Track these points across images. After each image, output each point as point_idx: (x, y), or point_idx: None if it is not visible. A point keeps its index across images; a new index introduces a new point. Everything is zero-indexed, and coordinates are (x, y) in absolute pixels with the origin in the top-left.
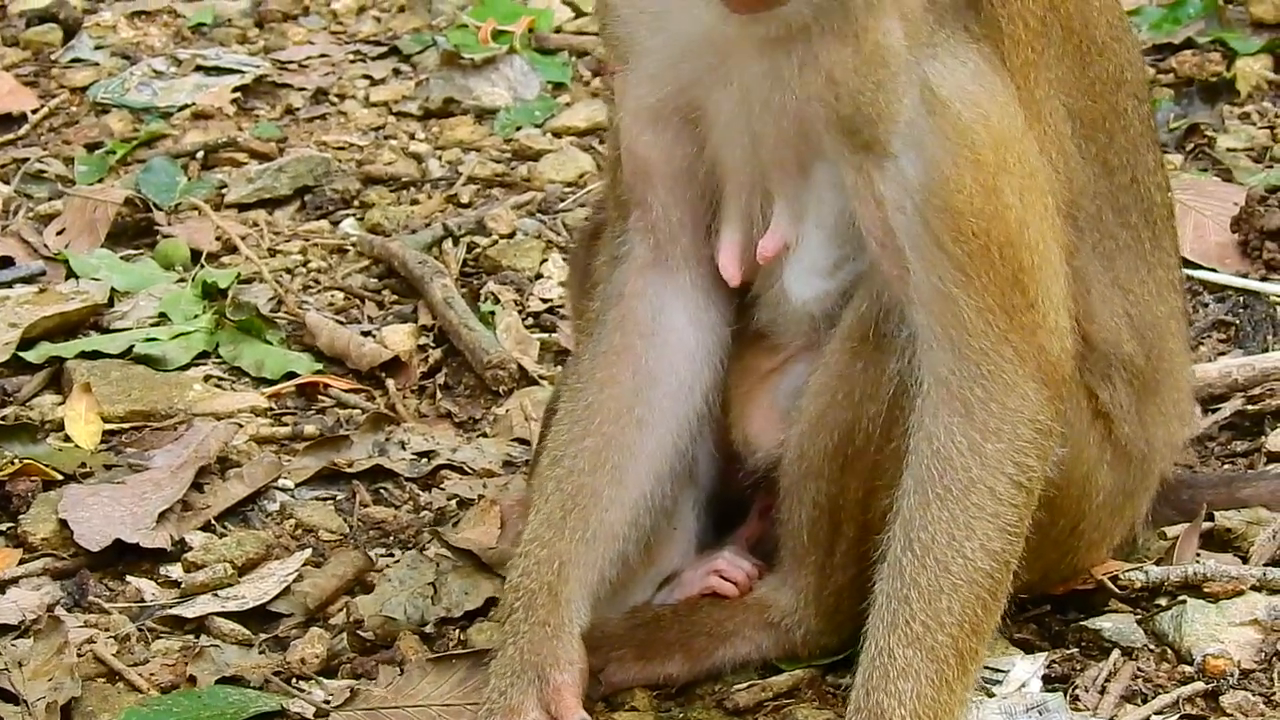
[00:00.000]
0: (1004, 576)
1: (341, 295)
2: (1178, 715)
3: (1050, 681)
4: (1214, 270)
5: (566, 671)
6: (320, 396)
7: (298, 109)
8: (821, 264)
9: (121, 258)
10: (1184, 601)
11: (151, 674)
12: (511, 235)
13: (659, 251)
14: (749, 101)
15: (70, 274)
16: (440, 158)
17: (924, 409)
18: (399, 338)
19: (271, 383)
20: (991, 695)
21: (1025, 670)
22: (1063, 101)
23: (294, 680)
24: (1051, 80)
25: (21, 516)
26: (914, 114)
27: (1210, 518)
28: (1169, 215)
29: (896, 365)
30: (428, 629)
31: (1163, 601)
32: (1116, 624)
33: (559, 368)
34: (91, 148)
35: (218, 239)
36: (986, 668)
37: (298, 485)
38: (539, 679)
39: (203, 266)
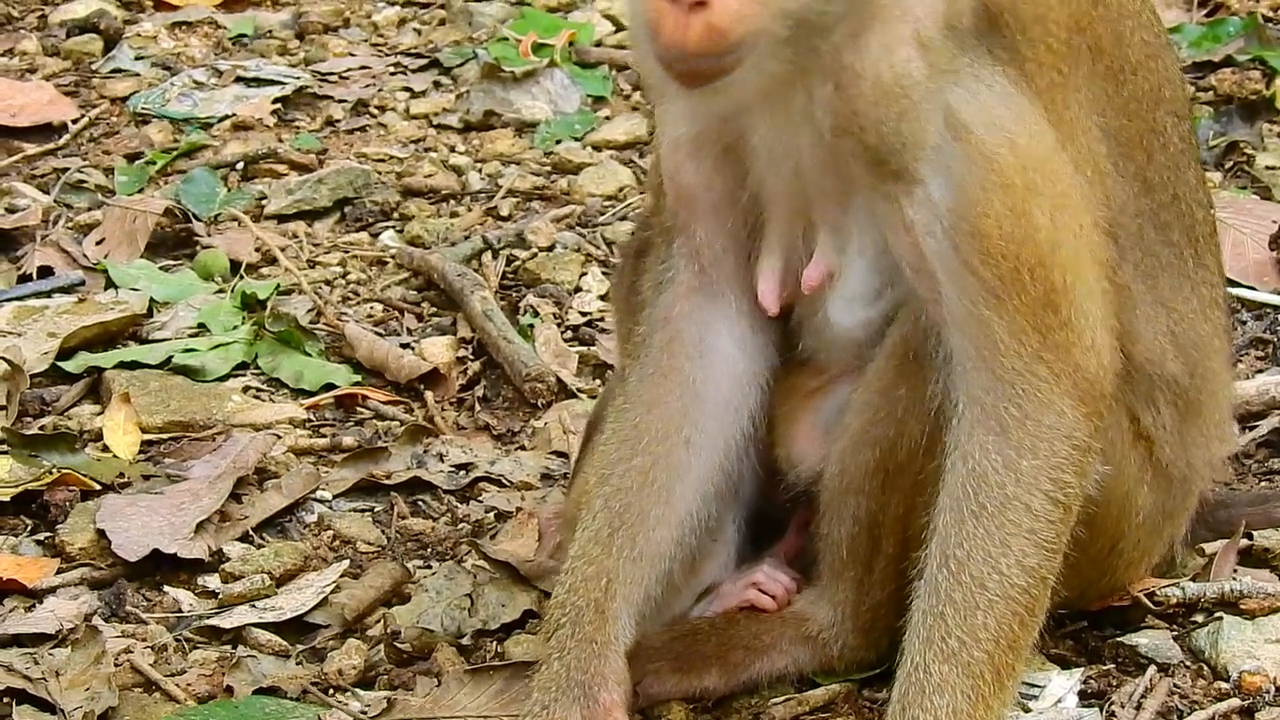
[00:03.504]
0: (1041, 593)
1: (380, 307)
2: None
3: (1086, 697)
4: (1252, 288)
5: (614, 690)
6: (359, 408)
7: (338, 121)
8: (864, 292)
9: (161, 268)
10: (1220, 618)
11: (188, 684)
12: (551, 248)
13: (703, 276)
14: (784, 136)
15: (109, 284)
16: (480, 170)
17: (960, 428)
18: (438, 350)
19: (310, 394)
20: (1028, 710)
21: (1061, 686)
22: (1097, 121)
23: (331, 691)
24: (1083, 101)
25: (59, 526)
26: (939, 140)
27: (1248, 535)
28: (1211, 232)
29: (938, 385)
30: (465, 641)
31: (1199, 618)
32: (1153, 640)
33: (598, 381)
34: (131, 158)
35: (257, 250)
36: (1023, 683)
37: (336, 497)
38: (584, 696)
39: (242, 278)
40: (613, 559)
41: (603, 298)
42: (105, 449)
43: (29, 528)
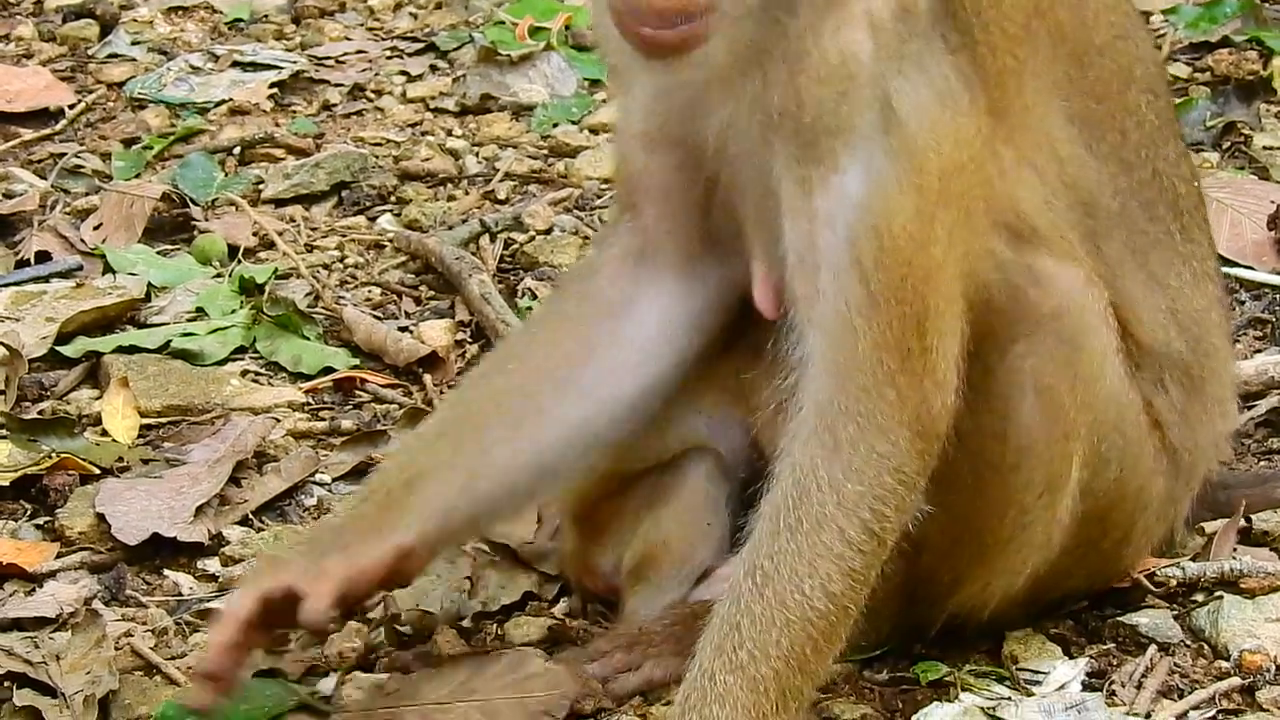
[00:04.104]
0: (840, 621)
1: (379, 291)
2: (1214, 710)
3: (1087, 677)
4: (1250, 268)
5: (344, 567)
6: (357, 392)
7: (334, 105)
8: None
9: (158, 253)
10: (1220, 597)
11: (189, 667)
12: (548, 231)
13: (643, 255)
14: (743, 128)
15: (107, 269)
16: (477, 154)
17: (796, 434)
18: (436, 333)
19: (309, 378)
20: (1031, 695)
21: (1066, 673)
22: (1061, 106)
23: (332, 674)
24: (1042, 87)
25: (59, 510)
26: (870, 129)
27: (1247, 517)
28: (1197, 205)
29: (787, 383)
30: (464, 623)
31: (1199, 597)
32: (1153, 620)
33: None
34: (128, 143)
35: (255, 234)
36: (1027, 668)
37: (335, 480)
38: (318, 558)
39: (240, 262)
40: (425, 458)
41: None
42: (104, 433)
43: (28, 512)
